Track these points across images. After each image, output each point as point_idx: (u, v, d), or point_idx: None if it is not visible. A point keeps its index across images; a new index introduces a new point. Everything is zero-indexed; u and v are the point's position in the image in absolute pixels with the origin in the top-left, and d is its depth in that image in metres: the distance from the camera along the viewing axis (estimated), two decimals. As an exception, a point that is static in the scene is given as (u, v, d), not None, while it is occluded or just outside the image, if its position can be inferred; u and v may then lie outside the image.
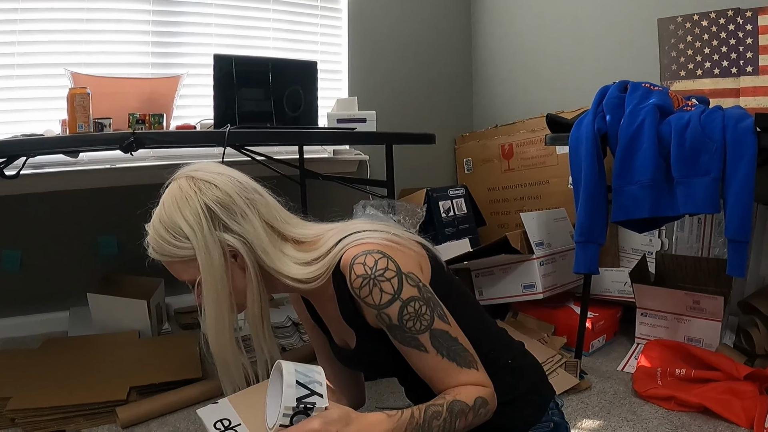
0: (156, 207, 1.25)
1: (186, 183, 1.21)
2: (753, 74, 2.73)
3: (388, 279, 1.12)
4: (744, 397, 2.07)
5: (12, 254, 3.01)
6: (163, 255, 1.21)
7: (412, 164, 3.91)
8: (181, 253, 1.18)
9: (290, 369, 0.99)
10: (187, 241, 1.17)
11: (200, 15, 3.36)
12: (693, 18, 2.90)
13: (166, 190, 1.24)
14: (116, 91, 2.67)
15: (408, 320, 1.12)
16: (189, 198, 1.18)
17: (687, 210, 2.11)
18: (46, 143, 2.31)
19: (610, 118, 2.27)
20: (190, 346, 2.60)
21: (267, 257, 1.20)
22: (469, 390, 1.13)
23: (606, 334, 2.79)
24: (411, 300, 1.13)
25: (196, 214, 1.17)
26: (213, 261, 1.17)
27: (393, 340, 1.16)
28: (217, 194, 1.19)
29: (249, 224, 1.19)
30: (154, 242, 1.21)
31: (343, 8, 3.81)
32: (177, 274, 1.24)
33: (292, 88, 2.79)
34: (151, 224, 1.23)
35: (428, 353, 1.13)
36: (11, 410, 2.00)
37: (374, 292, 1.12)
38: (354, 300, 1.18)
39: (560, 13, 3.67)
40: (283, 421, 0.95)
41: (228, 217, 1.18)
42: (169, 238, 1.18)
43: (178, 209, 1.18)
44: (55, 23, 2.96)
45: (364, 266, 1.12)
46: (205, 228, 1.17)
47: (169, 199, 1.22)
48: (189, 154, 3.30)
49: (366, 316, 1.19)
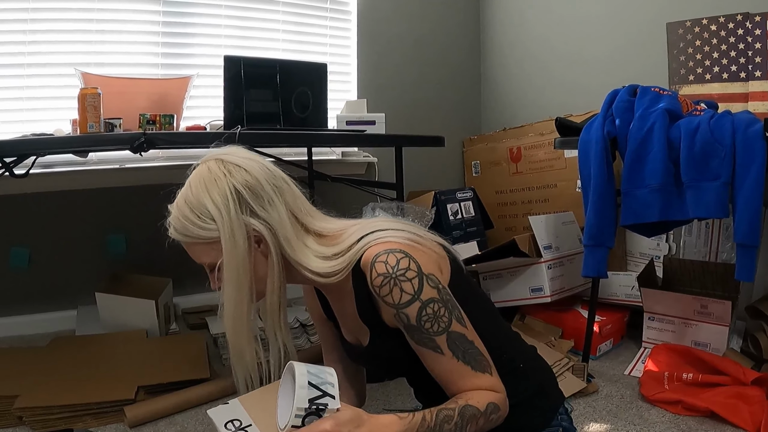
0: (181, 188, 1.24)
1: (215, 165, 1.21)
2: (762, 79, 2.73)
3: (409, 279, 1.12)
4: (751, 402, 2.06)
5: (21, 252, 3.02)
6: (185, 236, 1.20)
7: (420, 166, 3.91)
8: (204, 235, 1.17)
9: (302, 370, 0.99)
10: (212, 223, 1.16)
11: (210, 16, 3.37)
12: (702, 22, 2.90)
13: (193, 172, 1.24)
14: (126, 91, 2.68)
15: (426, 321, 1.12)
16: (218, 179, 1.18)
17: (696, 214, 2.11)
18: (58, 143, 2.32)
19: (619, 122, 2.28)
20: (198, 346, 2.60)
21: (289, 246, 1.19)
22: (482, 395, 1.13)
23: (613, 337, 2.79)
24: (430, 301, 1.13)
25: (224, 195, 1.16)
26: (237, 244, 1.16)
27: (409, 340, 1.16)
28: (247, 178, 1.18)
29: (275, 211, 1.19)
30: (176, 222, 1.21)
31: (353, 10, 3.82)
32: (197, 257, 1.23)
33: (300, 89, 2.80)
34: (176, 204, 1.22)
35: (444, 355, 1.13)
36: (19, 408, 2.01)
37: (394, 291, 1.12)
38: (372, 298, 1.18)
39: (569, 16, 3.67)
40: (294, 422, 0.96)
41: (255, 201, 1.18)
42: (194, 219, 1.17)
43: (206, 190, 1.18)
44: (66, 23, 2.98)
45: (385, 265, 1.12)
46: (232, 210, 1.16)
47: (196, 179, 1.21)
48: (198, 155, 3.23)
49: (383, 315, 1.19)
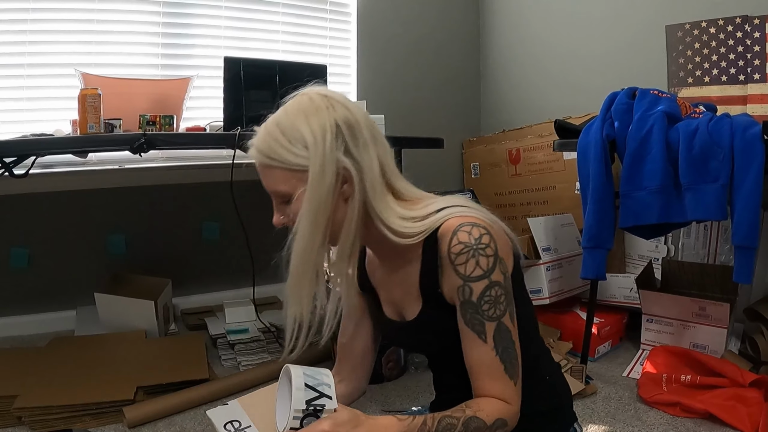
0: (273, 112, 1.20)
1: (318, 97, 1.17)
2: (760, 81, 2.73)
3: (487, 256, 1.11)
4: (749, 404, 2.07)
5: (20, 252, 3.02)
6: (269, 158, 1.14)
7: (419, 168, 3.87)
8: (291, 160, 1.12)
9: (299, 372, 0.99)
10: (303, 150, 1.12)
11: (210, 17, 3.37)
12: (701, 25, 2.91)
13: (291, 100, 1.19)
14: (126, 91, 2.68)
15: (486, 302, 1.11)
16: (319, 110, 1.14)
17: (695, 216, 2.11)
18: (58, 143, 2.32)
19: (618, 124, 2.28)
20: (197, 347, 2.61)
21: (374, 195, 1.16)
22: (493, 407, 1.11)
23: (612, 339, 2.79)
24: (497, 284, 1.12)
25: (322, 126, 1.12)
26: (325, 178, 1.12)
27: (460, 318, 1.14)
28: (348, 116, 1.15)
29: (368, 156, 1.16)
30: (263, 143, 1.15)
31: (353, 12, 3.82)
32: (272, 183, 1.17)
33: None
34: (265, 126, 1.18)
35: (485, 344, 1.12)
36: (18, 408, 2.01)
37: (470, 262, 1.10)
38: (439, 267, 1.16)
39: (569, 18, 3.68)
40: (293, 423, 0.96)
41: (352, 141, 1.14)
42: (285, 142, 1.13)
43: (304, 117, 1.14)
44: (66, 24, 2.98)
45: (469, 235, 1.11)
46: (328, 143, 1.12)
47: (295, 106, 1.17)
48: (198, 156, 3.31)
49: (444, 286, 1.17)
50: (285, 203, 1.19)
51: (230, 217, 2.76)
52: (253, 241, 2.69)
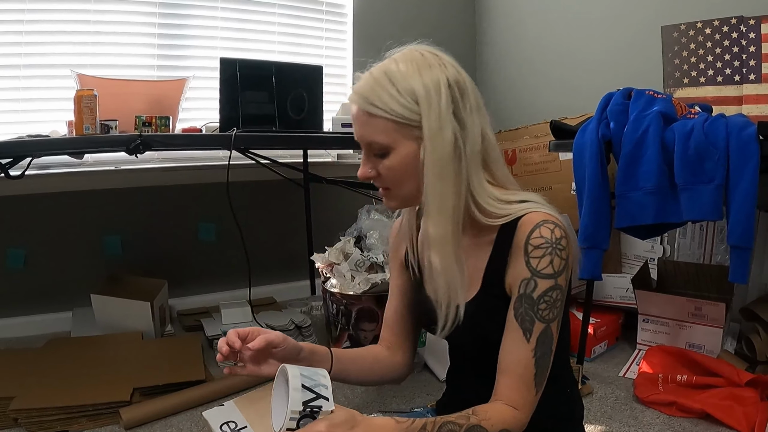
0: (379, 61, 1.17)
1: (429, 54, 1.14)
2: (756, 82, 2.74)
3: (561, 258, 1.10)
4: (745, 404, 2.08)
5: (17, 253, 3.02)
6: (374, 105, 1.10)
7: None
8: (399, 112, 1.09)
9: (295, 373, 0.99)
10: (414, 104, 1.09)
11: (206, 18, 3.37)
12: (696, 26, 2.91)
13: (399, 53, 1.16)
14: (122, 92, 2.68)
15: (544, 302, 1.10)
16: (432, 66, 1.11)
17: (691, 217, 2.12)
18: (54, 144, 2.32)
19: (614, 124, 2.28)
20: (193, 348, 2.61)
21: (471, 165, 1.13)
22: (501, 417, 1.08)
23: (608, 339, 2.79)
24: (559, 288, 1.11)
25: (436, 83, 1.09)
26: (444, 136, 1.09)
27: (512, 310, 1.12)
28: (458, 78, 1.13)
29: (472, 122, 1.13)
30: (368, 89, 1.12)
31: (348, 12, 3.82)
32: (369, 132, 1.13)
33: (296, 91, 2.80)
34: (372, 73, 1.14)
35: (528, 344, 1.10)
36: (14, 410, 2.01)
37: (545, 258, 1.10)
38: (510, 255, 1.14)
39: (565, 19, 3.68)
40: (289, 424, 0.96)
41: (461, 102, 1.12)
42: (394, 92, 1.09)
43: (417, 70, 1.10)
44: (62, 24, 2.98)
45: (552, 232, 1.10)
46: (443, 100, 1.09)
47: (406, 58, 1.13)
48: (194, 157, 3.32)
49: (509, 275, 1.15)
50: (378, 156, 1.15)
51: (226, 218, 2.76)
52: (249, 242, 2.69)
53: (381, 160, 1.14)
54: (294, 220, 3.65)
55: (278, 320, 2.87)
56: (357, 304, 2.42)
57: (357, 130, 1.15)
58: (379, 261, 2.51)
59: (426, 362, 2.60)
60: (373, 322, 2.43)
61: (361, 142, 1.16)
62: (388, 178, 1.15)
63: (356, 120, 1.14)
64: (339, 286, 2.49)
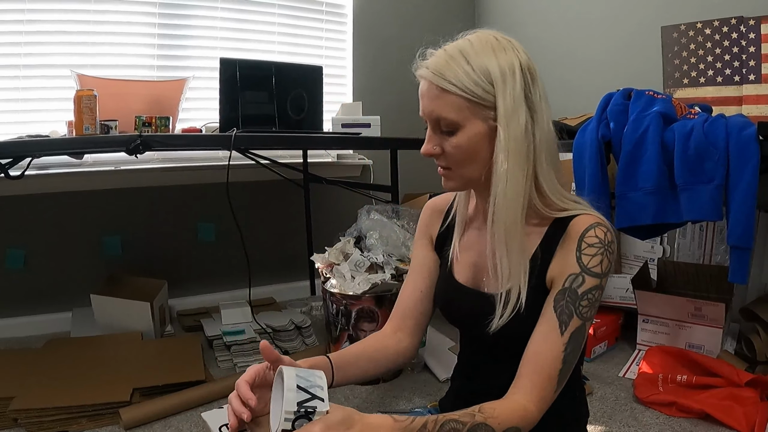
0: (451, 41, 1.16)
1: (502, 38, 1.14)
2: (756, 82, 2.74)
3: (609, 261, 1.12)
4: (745, 404, 2.08)
5: (16, 253, 3.01)
6: (448, 81, 1.10)
7: (416, 168, 3.90)
8: (473, 90, 1.09)
9: (291, 374, 0.99)
10: (488, 84, 1.09)
11: (206, 18, 3.37)
12: (696, 26, 2.91)
13: (472, 34, 1.15)
14: (122, 92, 2.68)
15: (586, 299, 1.10)
16: (506, 49, 1.11)
17: (691, 217, 2.12)
18: (54, 145, 2.32)
19: (614, 125, 2.28)
20: (193, 349, 2.61)
21: (540, 149, 1.14)
22: (510, 414, 1.06)
23: (608, 340, 2.79)
24: (601, 289, 1.12)
25: (510, 65, 1.10)
26: (519, 118, 1.10)
27: (551, 302, 1.12)
28: (530, 64, 1.14)
29: (542, 108, 1.14)
30: (443, 65, 1.11)
31: (348, 13, 3.82)
32: (440, 107, 1.12)
33: (296, 92, 2.81)
34: (446, 50, 1.13)
35: (561, 337, 1.10)
36: (14, 410, 2.01)
37: (596, 257, 1.11)
38: (557, 250, 1.15)
39: (565, 19, 3.68)
40: (285, 425, 0.96)
41: (533, 89, 1.13)
42: (469, 71, 1.09)
43: (492, 52, 1.10)
44: (62, 24, 2.98)
45: (605, 234, 1.12)
46: (518, 83, 1.10)
47: (481, 40, 1.13)
48: (193, 157, 3.32)
49: (553, 270, 1.15)
50: (445, 133, 1.14)
51: (226, 218, 2.77)
52: (249, 243, 2.69)
53: (447, 138, 1.14)
54: (294, 220, 3.65)
55: (278, 320, 2.87)
56: (357, 304, 2.42)
57: (426, 105, 1.15)
58: (379, 261, 2.51)
59: (426, 362, 2.60)
60: (372, 323, 2.42)
61: (429, 117, 1.15)
62: (453, 156, 1.15)
63: (426, 95, 1.14)
64: (339, 287, 2.49)
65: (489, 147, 1.12)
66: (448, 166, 1.17)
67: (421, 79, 1.15)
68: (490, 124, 1.11)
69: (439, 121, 1.13)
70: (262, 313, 3.02)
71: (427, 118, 1.16)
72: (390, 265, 2.51)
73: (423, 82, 1.15)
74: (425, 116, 1.16)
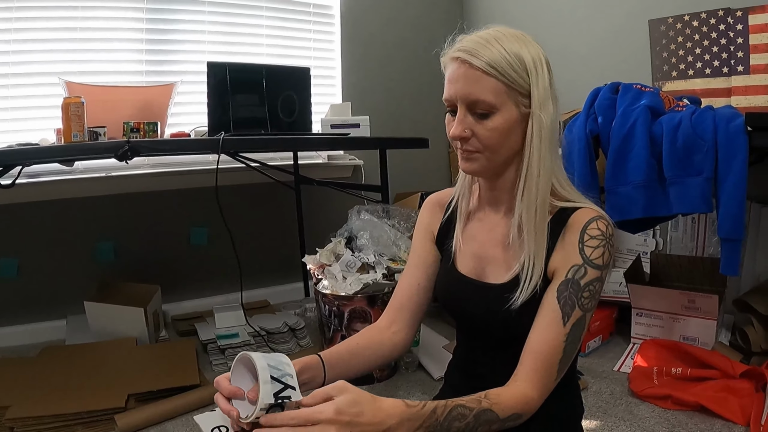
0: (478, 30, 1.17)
1: (522, 33, 1.17)
2: (744, 74, 2.75)
3: (610, 254, 1.14)
4: (740, 395, 2.08)
5: (9, 263, 3.01)
6: (490, 65, 1.10)
7: (407, 168, 3.92)
8: (512, 76, 1.11)
9: (263, 364, 0.99)
10: (524, 72, 1.11)
11: (193, 23, 3.37)
12: (684, 18, 2.92)
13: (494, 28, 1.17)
14: (110, 99, 2.68)
15: (588, 291, 1.12)
16: (531, 44, 1.15)
17: (680, 210, 2.12)
18: (43, 152, 2.31)
19: (602, 119, 2.29)
20: (187, 353, 2.60)
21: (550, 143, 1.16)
22: (511, 402, 1.07)
23: (602, 334, 2.80)
24: (602, 281, 1.13)
25: (538, 56, 1.13)
26: (550, 106, 1.13)
27: (553, 293, 1.13)
28: (548, 60, 1.17)
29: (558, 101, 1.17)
30: (483, 47, 1.12)
31: (336, 14, 3.82)
32: (478, 90, 1.12)
33: (286, 94, 2.81)
34: (481, 36, 1.14)
35: (563, 327, 1.11)
36: (10, 419, 2.01)
37: (599, 249, 1.12)
38: (558, 241, 1.16)
39: (552, 14, 3.68)
40: (259, 414, 0.96)
41: (552, 82, 1.16)
42: (507, 56, 1.11)
43: (523, 43, 1.13)
44: (49, 32, 2.97)
45: (607, 228, 1.14)
46: (547, 73, 1.14)
47: (507, 31, 1.15)
48: (183, 162, 3.31)
49: (554, 260, 1.16)
50: (478, 116, 1.14)
51: (218, 221, 2.76)
52: (241, 245, 2.69)
53: (481, 122, 1.14)
54: (286, 222, 3.65)
55: (272, 323, 2.87)
56: (349, 304, 2.42)
57: (461, 87, 1.14)
58: (370, 261, 2.51)
59: (420, 361, 2.60)
60: (365, 323, 2.42)
61: (464, 100, 1.14)
62: (487, 139, 1.14)
63: (462, 77, 1.14)
64: (331, 288, 2.49)
65: (520, 132, 1.15)
66: (477, 149, 1.16)
67: (455, 63, 1.15)
68: (522, 111, 1.13)
69: (476, 103, 1.13)
70: (255, 316, 3.02)
71: (460, 102, 1.15)
72: (381, 265, 2.51)
73: (458, 66, 1.14)
74: (459, 99, 1.15)
